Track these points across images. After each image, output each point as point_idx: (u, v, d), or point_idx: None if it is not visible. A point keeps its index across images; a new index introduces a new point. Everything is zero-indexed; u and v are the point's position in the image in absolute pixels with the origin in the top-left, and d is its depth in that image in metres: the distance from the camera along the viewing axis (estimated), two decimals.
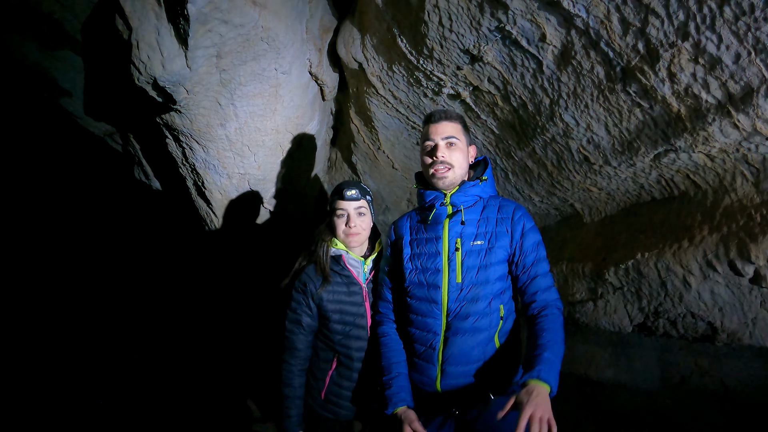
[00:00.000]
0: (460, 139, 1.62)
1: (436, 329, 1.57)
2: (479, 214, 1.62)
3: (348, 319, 1.74)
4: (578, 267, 2.46)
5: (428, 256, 1.63)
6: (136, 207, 5.60)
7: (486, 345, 1.54)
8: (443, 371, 1.55)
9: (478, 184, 1.64)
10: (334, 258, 1.77)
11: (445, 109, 1.79)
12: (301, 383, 1.76)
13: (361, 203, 1.75)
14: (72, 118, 3.41)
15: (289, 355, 1.75)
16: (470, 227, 1.60)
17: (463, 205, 1.62)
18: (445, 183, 1.61)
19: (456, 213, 1.62)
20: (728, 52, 1.45)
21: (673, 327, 2.15)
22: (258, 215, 3.16)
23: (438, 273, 1.59)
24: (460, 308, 1.54)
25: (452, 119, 1.64)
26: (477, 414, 1.55)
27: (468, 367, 1.54)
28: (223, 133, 2.53)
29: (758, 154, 1.72)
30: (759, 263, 1.75)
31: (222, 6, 1.96)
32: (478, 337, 1.53)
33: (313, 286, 1.73)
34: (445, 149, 1.60)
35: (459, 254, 1.57)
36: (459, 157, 1.62)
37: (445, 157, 1.59)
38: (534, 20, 1.72)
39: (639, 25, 1.53)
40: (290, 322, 1.76)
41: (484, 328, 1.53)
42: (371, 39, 2.37)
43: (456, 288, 1.55)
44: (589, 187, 2.34)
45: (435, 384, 1.57)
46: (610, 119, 1.91)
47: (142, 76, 2.12)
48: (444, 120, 1.63)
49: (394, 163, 3.07)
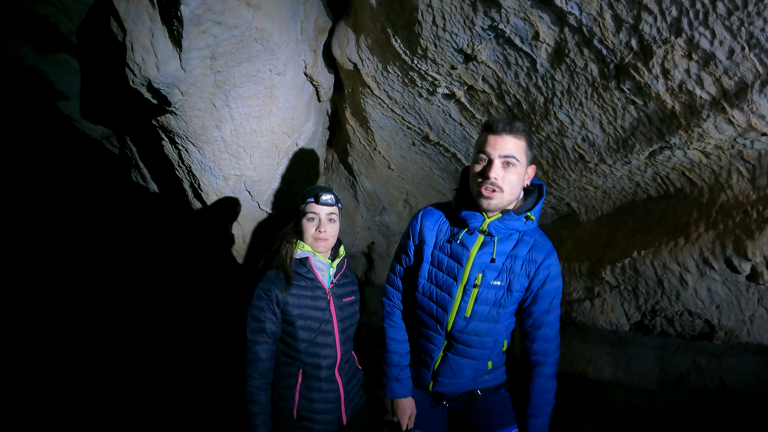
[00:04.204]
0: (520, 160, 1.41)
1: (437, 343, 1.62)
2: (510, 249, 1.50)
3: (313, 326, 1.67)
4: (575, 266, 2.45)
5: (445, 279, 1.56)
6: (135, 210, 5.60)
7: (479, 367, 1.63)
8: (436, 381, 1.66)
9: (522, 220, 1.48)
10: (300, 260, 1.72)
11: (511, 120, 1.43)
12: (267, 398, 1.66)
13: (333, 209, 1.72)
14: (69, 121, 3.40)
15: (253, 368, 1.64)
16: (496, 263, 1.49)
17: (498, 236, 1.48)
18: (489, 205, 1.43)
19: (487, 244, 1.49)
20: (722, 48, 1.45)
21: (670, 325, 2.14)
22: (255, 217, 3.16)
23: (449, 300, 1.54)
24: (464, 338, 1.56)
25: (517, 134, 1.41)
26: (465, 407, 1.69)
27: (459, 381, 1.64)
28: (219, 134, 2.52)
29: (753, 150, 1.72)
30: (756, 260, 1.75)
31: (215, 7, 1.96)
32: (475, 361, 1.61)
33: (277, 290, 1.66)
34: (500, 169, 1.39)
35: (476, 291, 1.50)
36: (513, 181, 1.42)
37: (498, 179, 1.39)
38: (527, 18, 1.72)
39: (632, 22, 1.52)
40: (253, 331, 1.66)
41: (483, 357, 1.60)
42: (366, 39, 2.36)
43: (463, 320, 1.54)
44: (584, 185, 2.34)
45: (428, 386, 1.69)
46: (604, 117, 1.90)
47: (137, 78, 2.12)
48: (507, 134, 1.40)
49: (390, 163, 3.07)
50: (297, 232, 1.76)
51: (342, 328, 1.74)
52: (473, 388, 1.65)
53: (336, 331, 1.72)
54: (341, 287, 1.80)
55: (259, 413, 1.63)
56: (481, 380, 1.65)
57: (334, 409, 1.71)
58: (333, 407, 1.71)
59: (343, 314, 1.76)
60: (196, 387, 4.13)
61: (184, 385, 4.22)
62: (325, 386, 1.69)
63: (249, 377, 1.65)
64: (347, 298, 1.81)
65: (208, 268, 5.50)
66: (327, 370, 1.69)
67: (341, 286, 1.80)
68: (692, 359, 2.21)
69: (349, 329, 1.80)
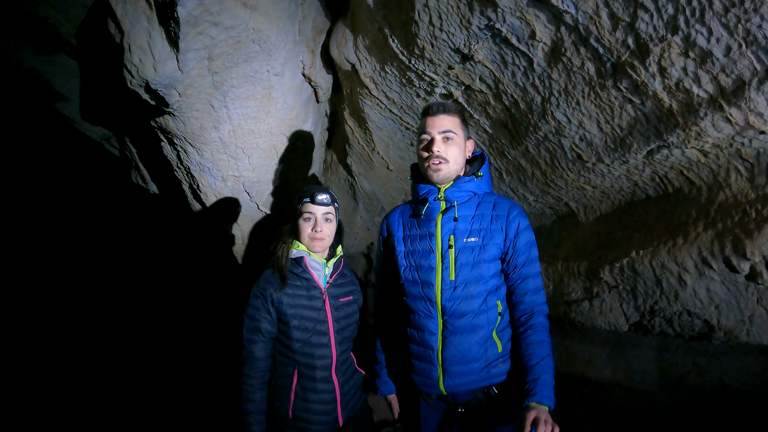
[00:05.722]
0: (458, 133, 1.59)
1: (432, 329, 1.56)
2: (474, 210, 1.60)
3: (308, 325, 1.67)
4: (573, 266, 2.44)
5: (422, 253, 1.61)
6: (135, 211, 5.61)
7: (485, 342, 1.53)
8: (445, 371, 1.54)
9: (473, 179, 1.61)
10: (295, 260, 1.72)
11: (443, 102, 1.70)
12: (262, 397, 1.67)
13: (329, 209, 1.74)
14: (69, 122, 3.42)
15: (249, 366, 1.65)
16: (464, 224, 1.57)
17: (456, 200, 1.59)
18: (439, 176, 1.58)
19: (449, 209, 1.59)
20: (719, 45, 1.44)
21: (669, 325, 2.13)
22: (254, 218, 3.16)
23: (431, 270, 1.57)
24: (455, 306, 1.52)
25: (450, 112, 1.60)
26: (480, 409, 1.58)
27: (469, 366, 1.53)
28: (217, 135, 2.53)
29: (752, 148, 1.70)
30: (755, 259, 1.73)
31: (212, 8, 1.96)
32: (477, 335, 1.52)
33: (273, 290, 1.67)
34: (441, 143, 1.56)
35: (452, 251, 1.55)
36: (455, 152, 1.58)
37: (441, 151, 1.56)
38: (523, 17, 1.72)
39: (628, 20, 1.52)
40: (248, 330, 1.67)
41: (482, 325, 1.52)
42: (363, 40, 2.36)
43: (450, 286, 1.53)
44: (583, 185, 2.33)
45: (438, 385, 1.56)
46: (601, 116, 1.89)
47: (135, 79, 2.13)
48: (442, 113, 1.59)
49: (388, 164, 3.07)
50: (294, 232, 1.77)
51: (338, 328, 1.73)
52: (488, 384, 1.55)
53: (331, 331, 1.71)
54: (338, 287, 1.79)
55: (254, 411, 1.64)
56: (495, 369, 1.54)
57: (330, 410, 1.70)
58: (329, 408, 1.70)
59: (339, 314, 1.75)
60: (195, 385, 4.13)
61: (183, 383, 4.22)
62: (320, 386, 1.68)
63: (245, 376, 1.66)
64: (344, 298, 1.79)
65: (208, 268, 5.50)
66: (322, 370, 1.68)
67: (338, 286, 1.79)
68: (692, 359, 2.19)
69: (346, 330, 1.78)
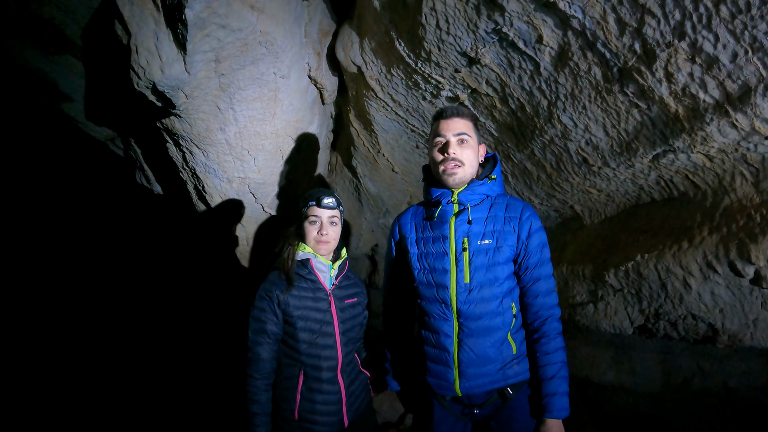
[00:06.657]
0: (472, 137, 1.61)
1: (448, 331, 1.57)
2: (487, 212, 1.60)
3: (314, 327, 1.68)
4: (578, 269, 2.45)
5: (436, 255, 1.61)
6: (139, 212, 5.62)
7: (501, 344, 1.54)
8: (461, 373, 1.55)
9: (486, 182, 1.62)
10: (301, 262, 1.74)
11: (456, 105, 1.72)
12: (268, 398, 1.67)
13: (335, 212, 1.75)
14: (73, 122, 3.42)
15: (254, 368, 1.66)
16: (477, 226, 1.58)
17: (470, 203, 1.60)
18: (455, 180, 1.59)
19: (463, 211, 1.60)
20: (725, 51, 1.45)
21: (673, 329, 2.14)
22: (259, 219, 3.17)
23: (446, 273, 1.57)
24: (471, 309, 1.53)
25: (464, 116, 1.62)
26: (494, 411, 1.59)
27: (485, 368, 1.54)
28: (223, 137, 2.53)
29: (757, 153, 1.71)
30: (759, 264, 1.74)
31: (220, 11, 1.97)
32: (492, 337, 1.53)
33: (279, 291, 1.68)
34: (456, 146, 1.58)
35: (467, 254, 1.55)
36: (470, 155, 1.60)
37: (456, 154, 1.57)
38: (530, 22, 1.72)
39: (635, 26, 1.53)
40: (254, 331, 1.69)
41: (497, 327, 1.53)
42: (370, 42, 2.37)
43: (465, 288, 1.54)
44: (588, 188, 2.34)
45: (454, 387, 1.57)
46: (608, 120, 1.90)
47: (142, 81, 2.13)
48: (456, 116, 1.61)
49: (394, 166, 3.07)
50: (299, 234, 1.78)
51: (343, 329, 1.74)
52: (504, 385, 1.55)
53: (337, 332, 1.72)
54: (343, 289, 1.81)
55: (259, 413, 1.65)
56: (510, 371, 1.55)
57: (335, 410, 1.71)
58: (334, 409, 1.70)
59: (344, 316, 1.76)
60: (200, 387, 4.14)
61: (188, 384, 4.23)
62: (326, 387, 1.69)
63: (250, 377, 1.67)
64: (349, 299, 1.81)
65: (213, 270, 5.51)
66: (328, 371, 1.69)
67: (343, 287, 1.81)
68: (696, 363, 2.19)
69: (352, 331, 1.79)
